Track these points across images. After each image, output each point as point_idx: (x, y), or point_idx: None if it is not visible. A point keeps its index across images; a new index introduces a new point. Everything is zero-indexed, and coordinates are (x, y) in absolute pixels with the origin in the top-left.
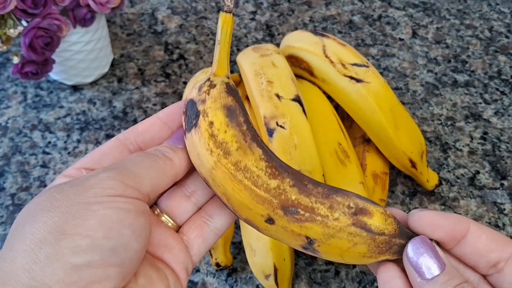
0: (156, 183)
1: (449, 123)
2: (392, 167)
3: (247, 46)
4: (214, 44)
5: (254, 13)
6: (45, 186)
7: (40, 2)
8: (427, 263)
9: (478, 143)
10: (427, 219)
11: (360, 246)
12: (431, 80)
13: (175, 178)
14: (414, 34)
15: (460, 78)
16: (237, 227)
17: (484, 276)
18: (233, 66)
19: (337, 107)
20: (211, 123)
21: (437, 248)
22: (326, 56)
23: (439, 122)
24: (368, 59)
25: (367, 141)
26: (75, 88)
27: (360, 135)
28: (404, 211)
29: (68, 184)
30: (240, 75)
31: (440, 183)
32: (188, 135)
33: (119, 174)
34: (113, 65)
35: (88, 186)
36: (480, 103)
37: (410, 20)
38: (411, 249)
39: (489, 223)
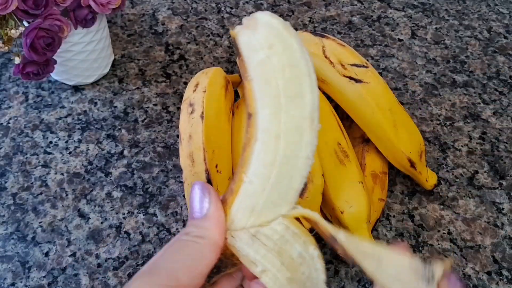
0: (195, 270)
1: (448, 123)
2: (391, 167)
3: None
4: (214, 45)
5: None
6: (46, 185)
7: (41, 3)
8: None
9: (477, 143)
10: None
11: None
12: (430, 81)
13: (215, 254)
14: (413, 35)
15: (459, 78)
16: None
17: None
18: (233, 66)
19: (337, 107)
20: None
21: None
22: (326, 57)
23: (438, 122)
24: (367, 60)
25: (367, 141)
26: (76, 88)
27: (359, 135)
28: (404, 210)
29: None
30: (240, 76)
31: (439, 183)
32: None
33: (152, 277)
34: (114, 65)
35: None
36: (479, 103)
37: (409, 21)
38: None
39: (488, 222)
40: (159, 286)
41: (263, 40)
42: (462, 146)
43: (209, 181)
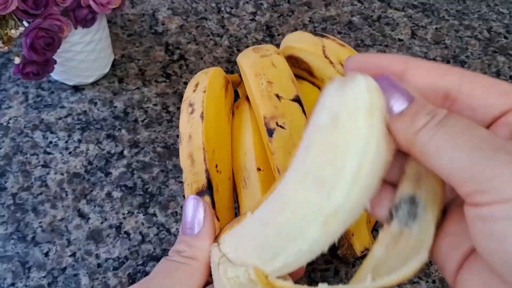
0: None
1: None
2: None
3: (247, 46)
4: (214, 45)
5: (254, 13)
6: (46, 185)
7: (41, 3)
8: (394, 97)
9: None
10: (358, 61)
11: None
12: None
13: (206, 275)
14: (413, 35)
15: None
16: None
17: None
18: (233, 66)
19: None
20: None
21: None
22: (326, 57)
23: None
24: None
25: None
26: (76, 89)
27: None
28: None
29: None
30: (240, 76)
31: None
32: None
33: None
34: (114, 65)
35: None
36: None
37: (409, 21)
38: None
39: None
40: None
41: (334, 106)
42: None
43: (209, 181)
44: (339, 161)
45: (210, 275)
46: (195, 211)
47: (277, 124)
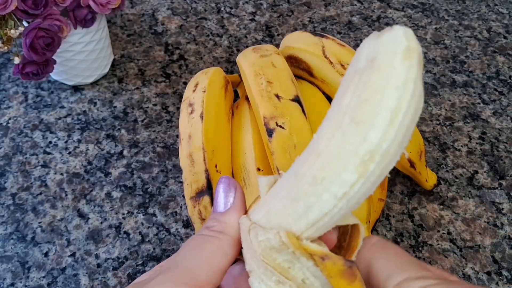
0: (214, 268)
1: (447, 123)
2: None
3: (247, 46)
4: (214, 45)
5: (253, 13)
6: (46, 186)
7: (41, 3)
8: None
9: (477, 143)
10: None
11: None
12: (429, 81)
13: (236, 250)
14: None
15: (458, 78)
16: None
17: None
18: (233, 66)
19: None
20: None
21: None
22: (326, 57)
23: (438, 122)
24: None
25: None
26: (76, 89)
27: None
28: (403, 210)
29: None
30: (240, 76)
31: (439, 183)
32: None
33: (170, 276)
34: (113, 65)
35: None
36: (479, 103)
37: (409, 21)
38: None
39: (487, 222)
40: (178, 285)
41: (371, 50)
42: (461, 146)
43: (208, 181)
44: (377, 99)
45: (240, 253)
46: (226, 190)
47: (276, 124)
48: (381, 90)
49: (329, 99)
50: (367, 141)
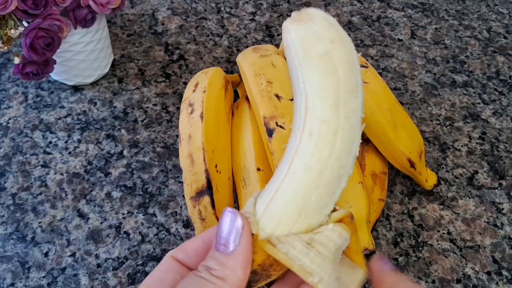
0: None
1: (447, 123)
2: (391, 167)
3: (247, 46)
4: (214, 45)
5: (253, 13)
6: (46, 186)
7: (41, 3)
8: None
9: (477, 143)
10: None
11: None
12: (429, 81)
13: None
14: (413, 35)
15: (458, 78)
16: None
17: None
18: (233, 66)
19: None
20: None
21: None
22: None
23: (438, 122)
24: (367, 60)
25: (366, 141)
26: (76, 89)
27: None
28: (403, 210)
29: None
30: (240, 76)
31: (439, 183)
32: None
33: None
34: (113, 65)
35: None
36: (479, 103)
37: (409, 21)
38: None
39: (488, 222)
40: None
41: (323, 34)
42: (461, 146)
43: (208, 181)
44: (352, 68)
45: (255, 271)
46: (231, 226)
47: (276, 124)
48: (352, 60)
49: None
50: (359, 100)
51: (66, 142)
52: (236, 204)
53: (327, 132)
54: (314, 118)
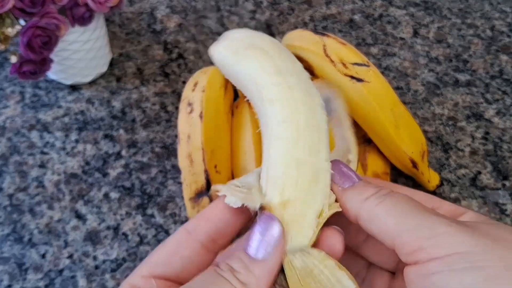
0: None
1: (450, 123)
2: (393, 167)
3: None
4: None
5: (254, 12)
6: (43, 186)
7: (38, 1)
8: (345, 176)
9: (480, 143)
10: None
11: None
12: (432, 80)
13: None
14: (415, 34)
15: (461, 77)
16: None
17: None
18: None
19: None
20: None
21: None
22: (327, 55)
23: (440, 122)
24: (369, 59)
25: (368, 141)
26: (74, 88)
27: (361, 135)
28: None
29: None
30: None
31: (442, 184)
32: None
33: None
34: (111, 64)
35: None
36: (482, 103)
37: (411, 19)
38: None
39: None
40: None
41: (240, 36)
42: (464, 146)
43: (208, 181)
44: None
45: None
46: (267, 231)
47: None
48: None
49: None
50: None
51: (63, 142)
52: None
53: (283, 92)
54: (267, 86)
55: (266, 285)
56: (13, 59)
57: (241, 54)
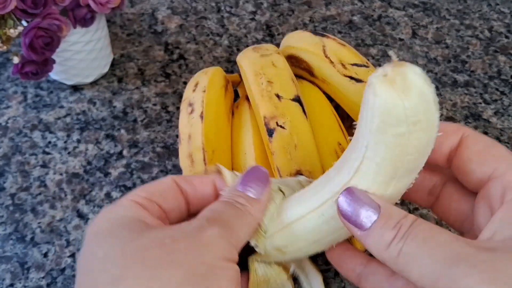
0: (246, 239)
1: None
2: None
3: (247, 46)
4: (214, 44)
5: (254, 13)
6: (45, 186)
7: (40, 2)
8: (363, 212)
9: None
10: None
11: None
12: (431, 80)
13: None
14: (414, 34)
15: (460, 78)
16: None
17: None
18: (233, 66)
19: (337, 107)
20: None
21: (367, 193)
22: (326, 56)
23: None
24: (368, 59)
25: None
26: (75, 88)
27: None
28: (404, 211)
29: (175, 231)
30: (240, 75)
31: None
32: None
33: (226, 232)
34: (113, 65)
35: (203, 243)
36: (480, 103)
37: (410, 20)
38: (344, 202)
39: None
40: (233, 248)
41: (410, 114)
42: None
43: None
44: (425, 151)
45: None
46: (257, 174)
47: (277, 124)
48: (429, 143)
49: (330, 98)
50: (412, 179)
51: (65, 142)
52: None
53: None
54: (362, 183)
55: (261, 219)
56: (15, 59)
57: (385, 135)
